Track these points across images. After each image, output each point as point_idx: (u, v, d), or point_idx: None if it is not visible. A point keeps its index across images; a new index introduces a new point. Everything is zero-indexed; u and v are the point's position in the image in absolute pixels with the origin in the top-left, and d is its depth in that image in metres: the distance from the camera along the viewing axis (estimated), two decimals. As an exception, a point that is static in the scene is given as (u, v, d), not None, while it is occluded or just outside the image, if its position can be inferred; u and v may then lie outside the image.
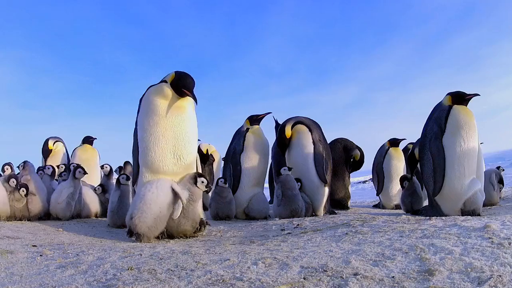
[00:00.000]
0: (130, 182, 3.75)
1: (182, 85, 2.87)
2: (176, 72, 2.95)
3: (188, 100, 2.95)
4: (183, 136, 2.89)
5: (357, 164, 5.80)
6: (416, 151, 5.12)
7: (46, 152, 5.85)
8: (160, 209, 2.64)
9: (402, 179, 4.75)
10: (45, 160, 5.74)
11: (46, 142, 5.95)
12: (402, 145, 6.21)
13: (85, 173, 4.02)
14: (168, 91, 2.89)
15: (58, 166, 4.64)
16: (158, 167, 2.82)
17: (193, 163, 3.01)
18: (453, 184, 3.61)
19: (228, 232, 3.18)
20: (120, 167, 5.31)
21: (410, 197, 4.60)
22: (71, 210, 3.90)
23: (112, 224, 3.68)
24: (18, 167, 3.96)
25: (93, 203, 4.35)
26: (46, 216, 3.89)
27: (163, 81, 2.97)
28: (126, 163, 5.44)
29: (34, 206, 3.76)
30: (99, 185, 4.58)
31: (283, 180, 4.13)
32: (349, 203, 5.71)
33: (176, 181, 2.82)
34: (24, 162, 3.91)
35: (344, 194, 5.59)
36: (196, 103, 2.91)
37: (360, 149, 5.80)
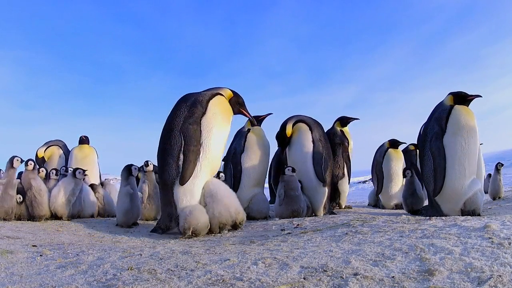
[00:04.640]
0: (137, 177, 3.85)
1: (241, 105, 3.36)
2: (233, 91, 3.33)
3: None
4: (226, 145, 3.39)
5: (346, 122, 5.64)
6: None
7: (39, 162, 5.84)
8: None
9: (405, 170, 4.80)
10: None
11: (36, 153, 5.96)
12: (402, 146, 6.20)
13: (85, 174, 4.04)
14: (229, 106, 3.28)
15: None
16: (213, 170, 3.19)
17: None
18: (454, 184, 3.61)
19: (228, 232, 3.18)
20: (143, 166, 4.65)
21: (411, 197, 4.61)
22: (70, 207, 3.89)
23: (123, 223, 3.61)
24: (25, 162, 3.80)
25: (90, 203, 4.34)
26: (52, 217, 3.89)
27: (218, 93, 3.21)
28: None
29: (39, 208, 3.75)
30: (90, 184, 4.62)
31: (286, 180, 4.14)
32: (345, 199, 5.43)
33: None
34: (29, 161, 3.82)
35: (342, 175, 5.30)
36: (255, 124, 3.53)
37: (338, 119, 5.66)
